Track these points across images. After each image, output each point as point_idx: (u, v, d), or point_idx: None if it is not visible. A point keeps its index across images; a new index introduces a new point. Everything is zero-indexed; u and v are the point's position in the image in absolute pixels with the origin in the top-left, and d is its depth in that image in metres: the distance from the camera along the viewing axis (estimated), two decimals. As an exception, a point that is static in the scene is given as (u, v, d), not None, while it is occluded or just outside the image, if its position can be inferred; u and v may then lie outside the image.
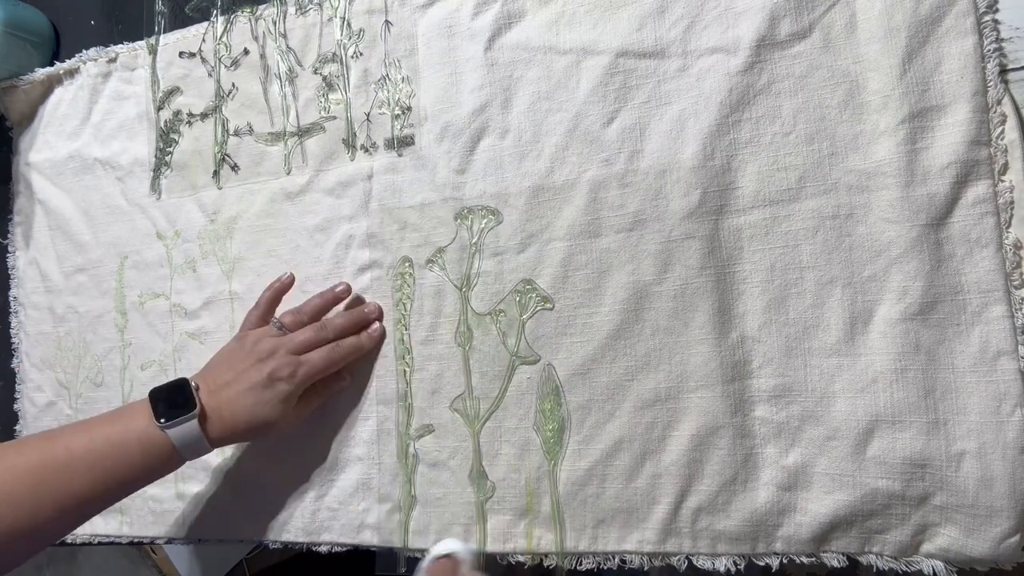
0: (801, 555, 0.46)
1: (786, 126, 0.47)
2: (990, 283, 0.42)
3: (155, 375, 0.64)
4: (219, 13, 0.64)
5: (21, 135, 0.73)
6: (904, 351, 0.43)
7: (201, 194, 0.64)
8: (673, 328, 0.49)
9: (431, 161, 0.55)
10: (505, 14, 0.54)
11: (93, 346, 0.67)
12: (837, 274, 0.45)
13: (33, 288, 0.71)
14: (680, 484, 0.48)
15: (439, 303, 0.54)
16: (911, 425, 0.43)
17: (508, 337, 0.52)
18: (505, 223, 0.53)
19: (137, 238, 0.66)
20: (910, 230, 0.43)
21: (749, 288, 0.47)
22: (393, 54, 0.58)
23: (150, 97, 0.66)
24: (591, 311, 0.50)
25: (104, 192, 0.68)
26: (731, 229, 0.48)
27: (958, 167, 0.42)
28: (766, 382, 0.47)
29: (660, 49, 0.50)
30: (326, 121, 0.59)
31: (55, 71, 0.70)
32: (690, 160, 0.48)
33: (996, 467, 0.41)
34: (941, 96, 0.43)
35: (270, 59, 0.62)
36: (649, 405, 0.49)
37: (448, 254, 0.54)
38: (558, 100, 0.52)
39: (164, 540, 0.63)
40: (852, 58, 0.45)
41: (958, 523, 0.42)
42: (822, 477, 0.45)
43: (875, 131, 0.45)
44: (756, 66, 0.47)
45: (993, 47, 0.43)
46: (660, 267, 0.49)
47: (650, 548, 0.48)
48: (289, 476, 0.58)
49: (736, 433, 0.47)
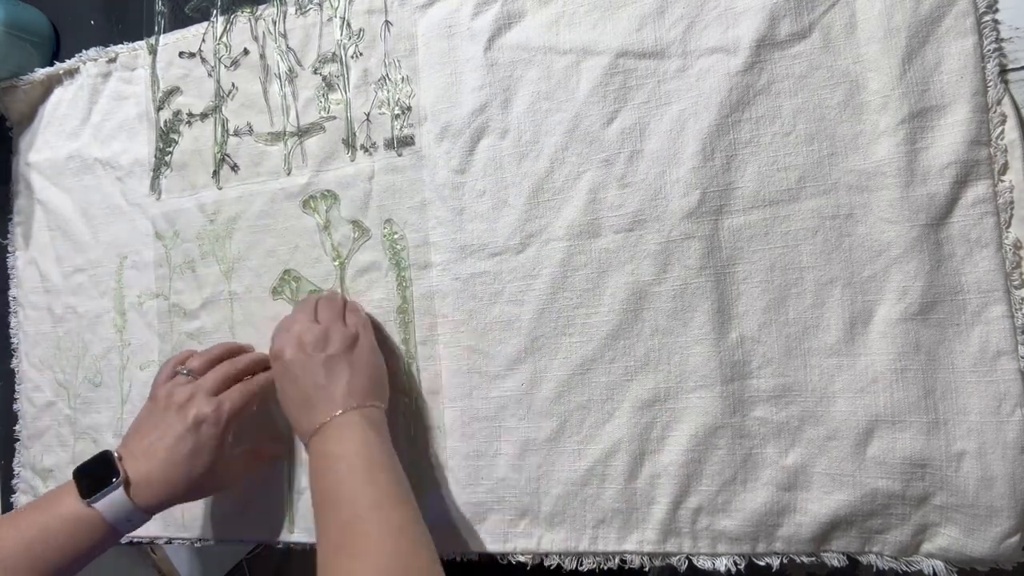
0: (801, 555, 0.46)
1: (786, 126, 0.47)
2: (990, 283, 0.42)
3: (154, 375, 0.64)
4: (219, 13, 0.64)
5: (21, 135, 0.73)
6: (904, 351, 0.43)
7: (201, 194, 0.64)
8: (672, 328, 0.48)
9: (431, 161, 0.55)
10: (505, 14, 0.54)
11: (92, 346, 0.67)
12: (837, 274, 0.45)
13: (32, 288, 0.71)
14: (680, 484, 0.48)
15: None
16: (911, 425, 0.43)
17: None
18: (504, 223, 0.53)
19: (136, 238, 0.66)
20: (910, 230, 0.43)
21: (749, 288, 0.47)
22: (393, 54, 0.58)
23: (150, 97, 0.66)
24: (590, 311, 0.50)
25: (104, 192, 0.68)
26: (731, 229, 0.48)
27: (958, 167, 0.42)
28: (766, 382, 0.47)
29: (660, 49, 0.50)
30: (326, 121, 0.59)
31: (55, 71, 0.70)
32: (690, 160, 0.48)
33: (996, 467, 0.41)
34: (941, 96, 0.43)
35: (270, 59, 0.62)
36: (648, 405, 0.49)
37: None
38: (558, 100, 0.52)
39: (164, 540, 0.63)
40: (852, 58, 0.45)
41: (958, 523, 0.42)
42: (822, 477, 0.45)
43: (875, 131, 0.45)
44: (756, 66, 0.47)
45: (993, 47, 0.43)
46: (659, 267, 0.49)
47: (650, 548, 0.48)
48: (289, 476, 0.58)
49: (735, 433, 0.47)
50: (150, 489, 0.48)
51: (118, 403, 0.66)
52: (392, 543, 0.40)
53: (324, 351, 0.49)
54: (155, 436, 0.49)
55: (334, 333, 0.50)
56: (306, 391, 0.48)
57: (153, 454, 0.48)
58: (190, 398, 0.50)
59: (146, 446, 0.49)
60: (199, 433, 0.49)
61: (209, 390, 0.51)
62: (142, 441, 0.49)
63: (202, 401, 0.50)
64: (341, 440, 0.45)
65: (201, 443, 0.49)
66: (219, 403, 0.50)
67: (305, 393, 0.48)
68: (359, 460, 0.44)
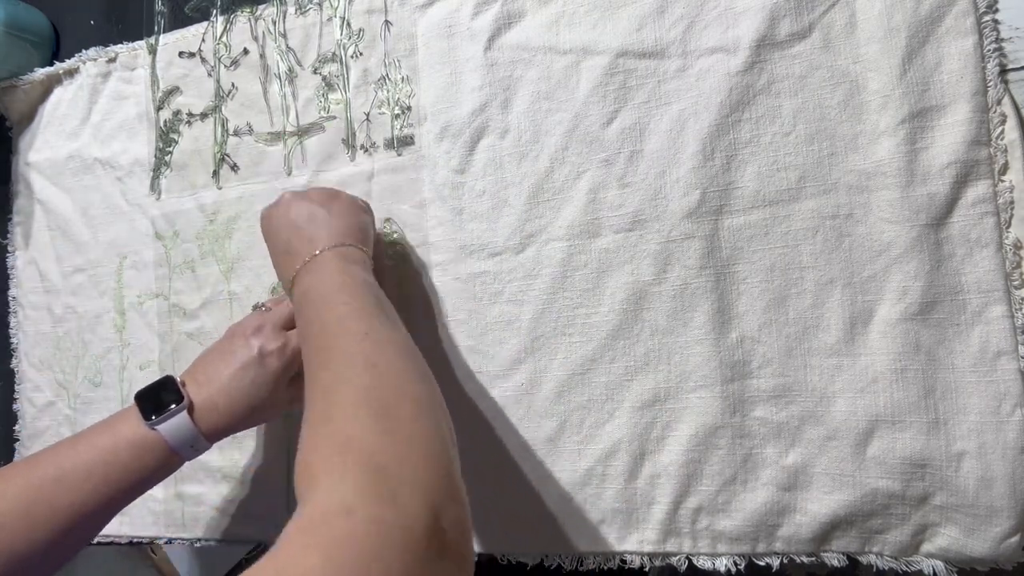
0: (801, 555, 0.46)
1: (786, 126, 0.47)
2: (990, 283, 0.42)
3: (154, 375, 0.64)
4: (219, 13, 0.64)
5: (21, 135, 0.73)
6: (904, 351, 0.43)
7: (201, 194, 0.64)
8: (672, 328, 0.48)
9: (431, 161, 0.55)
10: (505, 14, 0.54)
11: (92, 346, 0.67)
12: (837, 274, 0.45)
13: (32, 288, 0.71)
14: (680, 484, 0.48)
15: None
16: (911, 425, 0.43)
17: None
18: (504, 223, 0.53)
19: (136, 238, 0.66)
20: (910, 230, 0.43)
21: (749, 288, 0.47)
22: (393, 54, 0.58)
23: (150, 97, 0.66)
24: (590, 311, 0.50)
25: (103, 192, 0.68)
26: (731, 229, 0.48)
27: (958, 167, 0.42)
28: (766, 382, 0.47)
29: (660, 49, 0.50)
30: (326, 121, 0.59)
31: (55, 71, 0.70)
32: (690, 160, 0.48)
33: (996, 467, 0.41)
34: (941, 96, 0.43)
35: (270, 59, 0.61)
36: (648, 405, 0.49)
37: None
38: (558, 100, 0.52)
39: (164, 540, 0.63)
40: (852, 58, 0.45)
41: (958, 523, 0.42)
42: (822, 477, 0.45)
43: (875, 131, 0.45)
44: (756, 66, 0.47)
45: (993, 47, 0.43)
46: (659, 267, 0.49)
47: (650, 548, 0.48)
48: (288, 476, 0.58)
49: (735, 433, 0.47)
50: (214, 414, 0.47)
51: (118, 403, 0.66)
52: (366, 351, 0.38)
53: (304, 199, 0.49)
54: (220, 363, 0.49)
55: (315, 189, 0.51)
56: (288, 239, 0.48)
57: (217, 380, 0.48)
58: (258, 329, 0.50)
59: (211, 372, 0.48)
60: (264, 364, 0.48)
61: (278, 324, 0.50)
62: (207, 368, 0.49)
63: (270, 334, 0.49)
64: (318, 273, 0.44)
65: (264, 374, 0.48)
66: (287, 338, 0.50)
67: (286, 241, 0.48)
68: (333, 286, 0.43)
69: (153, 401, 0.47)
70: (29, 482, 0.43)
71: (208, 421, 0.47)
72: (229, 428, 0.48)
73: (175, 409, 0.46)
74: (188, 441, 0.46)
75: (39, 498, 0.43)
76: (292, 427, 0.59)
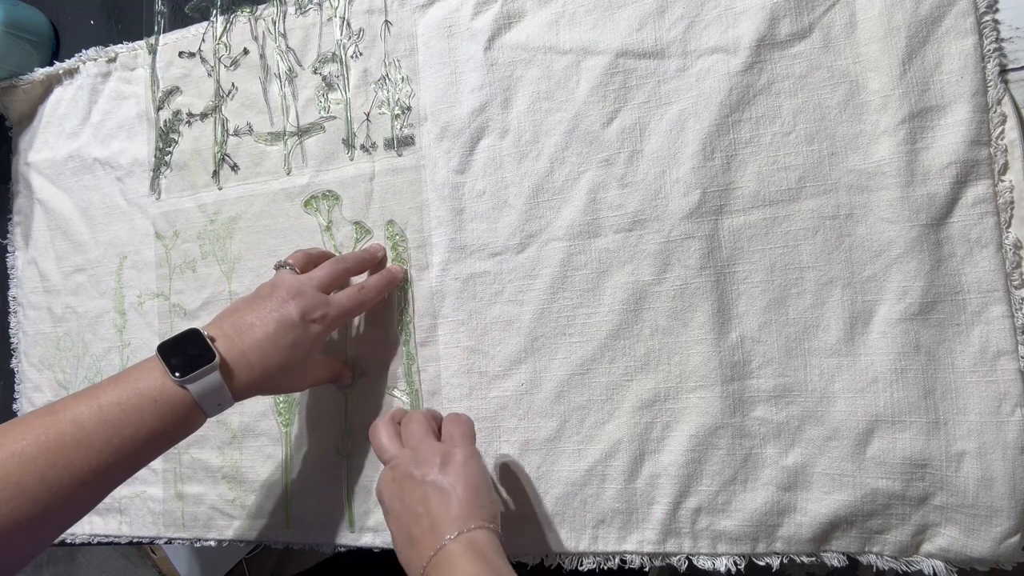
0: (801, 555, 0.46)
1: (786, 126, 0.47)
2: (990, 283, 0.42)
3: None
4: (219, 13, 0.64)
5: (21, 135, 0.73)
6: (904, 351, 0.43)
7: (201, 194, 0.64)
8: (672, 328, 0.48)
9: (431, 161, 0.55)
10: (505, 14, 0.54)
11: (92, 346, 0.67)
12: (837, 274, 0.45)
13: (32, 288, 0.71)
14: (680, 484, 0.48)
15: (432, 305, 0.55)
16: (911, 425, 0.43)
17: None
18: (504, 223, 0.53)
19: (136, 238, 0.66)
20: (910, 230, 0.43)
21: (749, 288, 0.47)
22: (393, 54, 0.58)
23: (150, 97, 0.66)
24: (590, 311, 0.50)
25: (103, 192, 0.68)
26: (731, 229, 0.48)
27: (958, 167, 0.42)
28: (766, 382, 0.47)
29: (660, 49, 0.50)
30: (326, 121, 0.59)
31: (55, 71, 0.70)
32: (690, 160, 0.48)
33: (996, 467, 0.41)
34: (941, 96, 0.43)
35: (270, 59, 0.61)
36: (648, 405, 0.49)
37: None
38: (558, 100, 0.52)
39: (164, 540, 0.63)
40: (852, 58, 0.45)
41: (958, 523, 0.42)
42: (822, 477, 0.45)
43: (875, 131, 0.45)
44: (756, 66, 0.47)
45: (993, 47, 0.43)
46: (659, 267, 0.49)
47: (650, 548, 0.48)
48: (287, 476, 0.58)
49: (735, 433, 0.47)
50: (246, 372, 0.45)
51: (118, 403, 0.66)
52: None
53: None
54: (255, 318, 0.46)
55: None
56: (408, 528, 0.42)
57: (251, 334, 0.45)
58: (299, 293, 0.47)
59: (244, 326, 0.46)
60: (306, 327, 0.47)
61: (319, 286, 0.49)
62: (239, 321, 0.46)
63: (313, 297, 0.48)
64: (449, 573, 0.39)
65: (306, 337, 0.47)
66: (330, 303, 0.48)
67: (408, 531, 0.42)
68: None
69: (179, 354, 0.44)
70: (49, 443, 0.40)
71: (240, 378, 0.45)
72: (258, 387, 0.46)
73: (209, 367, 0.43)
74: (215, 399, 0.44)
75: (58, 462, 0.40)
76: (291, 428, 0.59)
